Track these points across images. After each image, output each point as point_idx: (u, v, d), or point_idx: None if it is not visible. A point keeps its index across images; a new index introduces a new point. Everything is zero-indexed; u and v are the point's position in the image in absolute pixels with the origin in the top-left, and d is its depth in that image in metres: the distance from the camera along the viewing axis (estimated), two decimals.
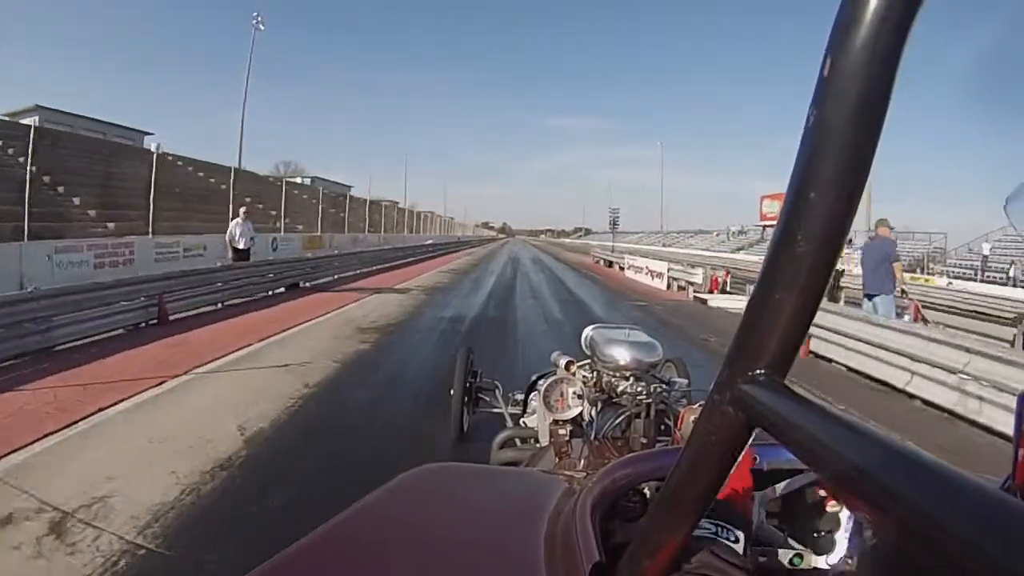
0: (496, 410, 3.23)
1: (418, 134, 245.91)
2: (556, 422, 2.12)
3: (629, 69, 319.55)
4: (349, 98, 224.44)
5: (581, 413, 2.16)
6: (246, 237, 10.48)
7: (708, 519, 0.67)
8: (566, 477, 1.02)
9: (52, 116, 21.15)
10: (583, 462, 1.83)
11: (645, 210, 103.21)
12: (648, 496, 0.81)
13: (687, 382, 2.48)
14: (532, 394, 2.58)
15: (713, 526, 0.67)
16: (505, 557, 0.71)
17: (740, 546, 0.67)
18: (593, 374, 2.31)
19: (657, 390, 2.04)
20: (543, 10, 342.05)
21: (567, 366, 2.33)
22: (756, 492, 0.83)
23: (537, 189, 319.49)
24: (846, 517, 0.78)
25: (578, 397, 2.17)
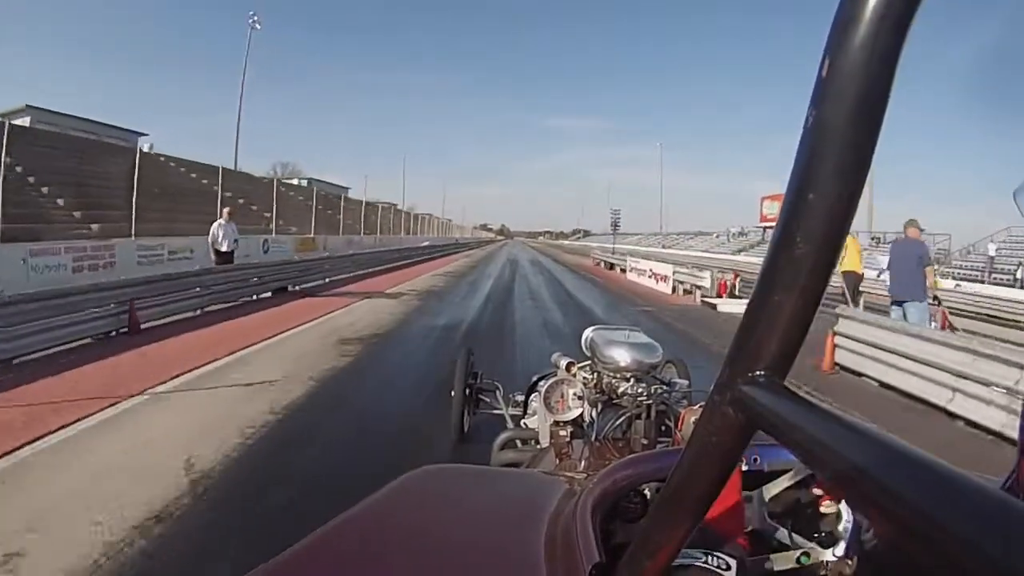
0: (497, 411, 3.24)
1: (417, 134, 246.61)
2: (557, 423, 2.13)
3: (629, 69, 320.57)
4: (348, 98, 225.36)
5: (582, 414, 2.16)
6: (229, 239, 10.02)
7: (699, 548, 0.67)
8: (567, 478, 1.02)
9: (43, 116, 20.80)
10: (584, 463, 1.83)
11: (644, 211, 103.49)
12: (649, 497, 0.81)
13: (687, 383, 2.48)
14: (533, 395, 2.59)
15: (703, 555, 0.67)
16: (505, 558, 0.71)
17: (732, 573, 0.66)
18: (593, 375, 2.31)
19: (658, 391, 2.04)
20: (543, 10, 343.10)
21: (568, 367, 2.34)
22: (756, 492, 0.83)
23: (536, 190, 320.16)
24: (846, 508, 0.79)
25: (579, 398, 2.17)
